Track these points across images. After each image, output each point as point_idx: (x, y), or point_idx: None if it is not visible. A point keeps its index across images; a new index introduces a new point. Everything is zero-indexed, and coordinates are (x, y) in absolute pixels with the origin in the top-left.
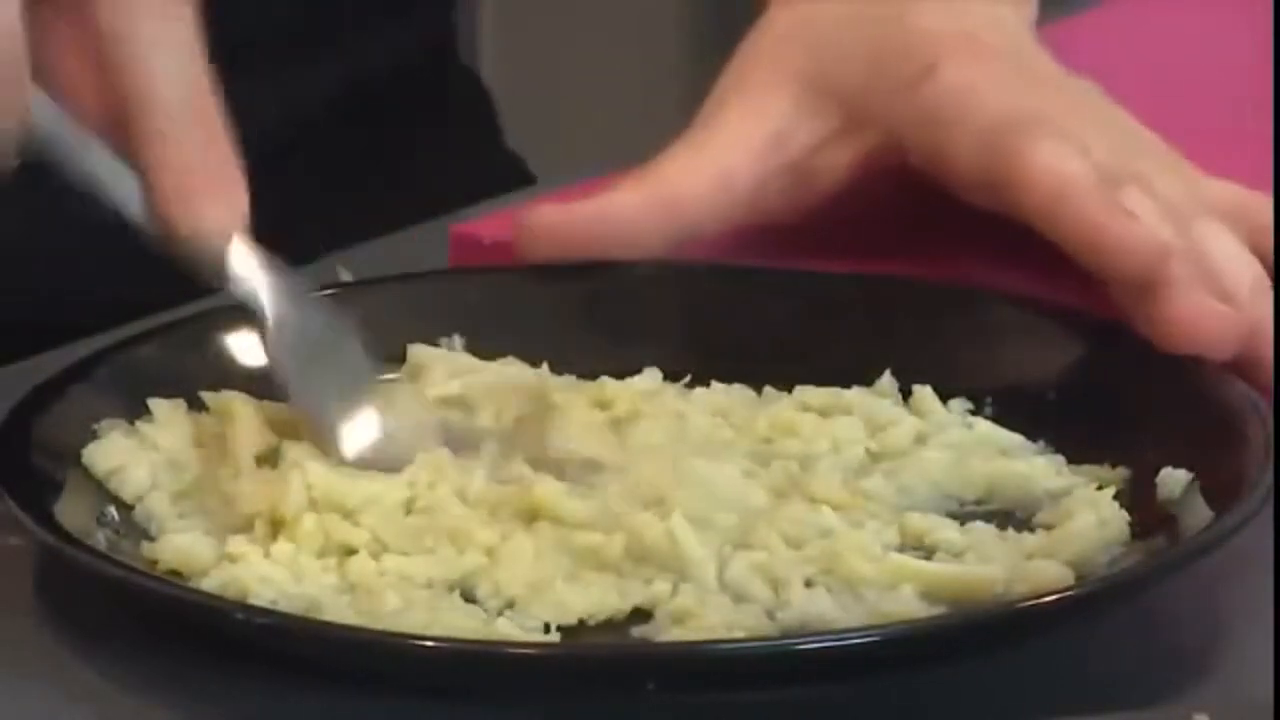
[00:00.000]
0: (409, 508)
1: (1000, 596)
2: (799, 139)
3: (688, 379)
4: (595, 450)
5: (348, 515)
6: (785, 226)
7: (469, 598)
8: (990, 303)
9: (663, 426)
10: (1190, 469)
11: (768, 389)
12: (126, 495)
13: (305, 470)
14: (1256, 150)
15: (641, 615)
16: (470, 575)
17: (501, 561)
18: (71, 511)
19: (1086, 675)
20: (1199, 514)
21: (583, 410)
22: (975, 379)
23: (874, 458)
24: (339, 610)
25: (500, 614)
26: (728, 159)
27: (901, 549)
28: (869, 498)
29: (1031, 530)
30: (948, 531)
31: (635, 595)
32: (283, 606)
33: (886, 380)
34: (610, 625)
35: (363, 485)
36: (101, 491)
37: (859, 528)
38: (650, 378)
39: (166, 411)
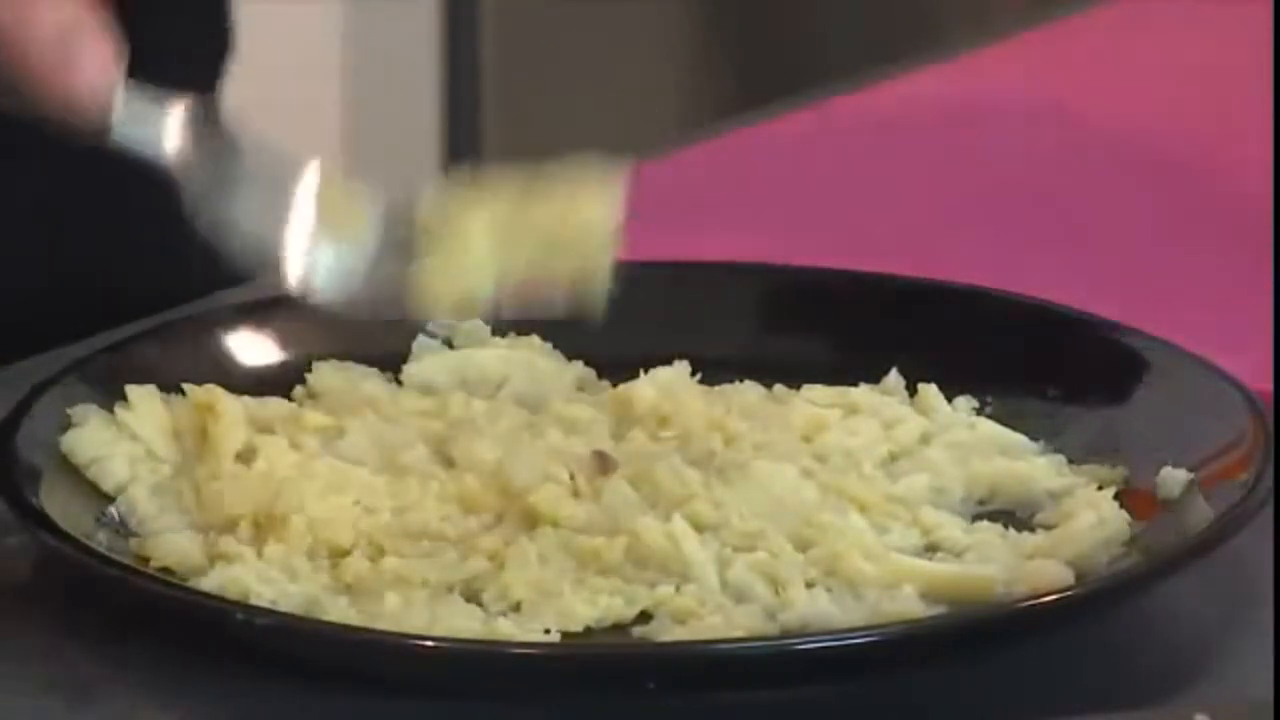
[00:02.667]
0: (396, 510)
1: (1000, 596)
2: None
3: (698, 377)
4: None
5: (332, 519)
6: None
7: (472, 601)
8: (990, 302)
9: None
10: (1190, 469)
11: (778, 386)
12: (107, 486)
13: (287, 470)
14: (1257, 150)
15: (643, 615)
16: (475, 580)
17: (506, 566)
18: (72, 511)
19: (1086, 675)
20: (1199, 514)
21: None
22: (976, 378)
23: (890, 456)
24: (339, 610)
25: (503, 616)
26: None
27: (921, 551)
28: (895, 499)
29: (1032, 530)
30: (953, 529)
31: (641, 600)
32: (282, 606)
33: (893, 379)
34: (612, 625)
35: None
36: (99, 490)
37: (886, 532)
38: (679, 371)
39: (143, 397)
